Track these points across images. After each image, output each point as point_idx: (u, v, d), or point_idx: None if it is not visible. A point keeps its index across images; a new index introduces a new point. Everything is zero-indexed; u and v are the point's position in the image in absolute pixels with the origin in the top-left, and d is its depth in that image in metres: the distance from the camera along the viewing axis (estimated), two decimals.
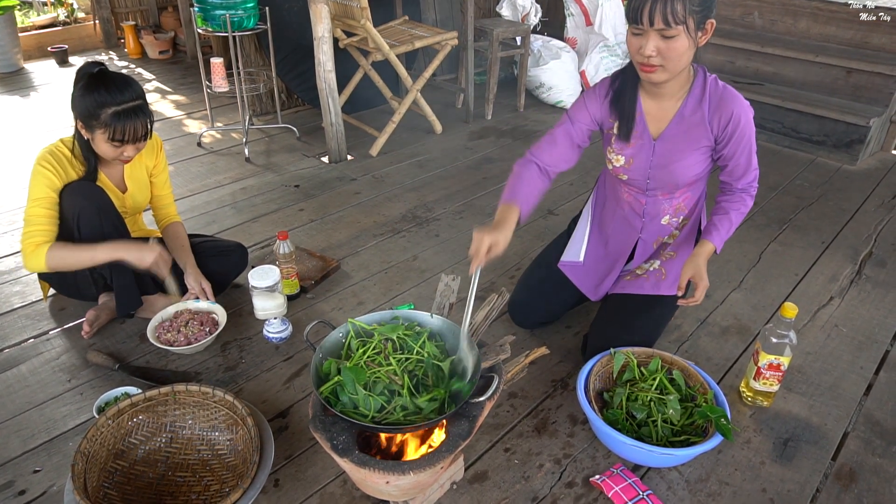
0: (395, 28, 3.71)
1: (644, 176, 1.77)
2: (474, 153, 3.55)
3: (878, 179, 3.30)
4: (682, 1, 1.43)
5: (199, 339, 1.95)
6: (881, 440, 1.73)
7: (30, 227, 1.84)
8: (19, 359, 1.97)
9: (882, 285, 2.41)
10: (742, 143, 1.65)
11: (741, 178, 1.73)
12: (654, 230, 1.87)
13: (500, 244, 1.58)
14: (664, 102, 1.69)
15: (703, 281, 1.67)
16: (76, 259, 1.85)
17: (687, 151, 1.69)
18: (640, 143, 1.73)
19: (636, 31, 1.51)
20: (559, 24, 4.63)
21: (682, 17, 1.45)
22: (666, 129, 1.70)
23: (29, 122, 3.92)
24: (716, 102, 1.64)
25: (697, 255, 1.70)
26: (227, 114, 4.05)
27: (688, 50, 1.51)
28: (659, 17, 1.44)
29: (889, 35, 3.53)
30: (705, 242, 1.71)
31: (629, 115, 1.71)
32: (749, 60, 3.90)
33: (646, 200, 1.83)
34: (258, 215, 2.85)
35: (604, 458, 1.65)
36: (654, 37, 1.48)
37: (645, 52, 1.50)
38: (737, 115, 1.62)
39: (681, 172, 1.72)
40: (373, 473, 1.29)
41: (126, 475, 1.50)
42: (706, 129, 1.66)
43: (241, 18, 3.09)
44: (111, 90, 1.74)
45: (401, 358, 1.43)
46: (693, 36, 1.50)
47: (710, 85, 1.65)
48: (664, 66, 1.53)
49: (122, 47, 5.45)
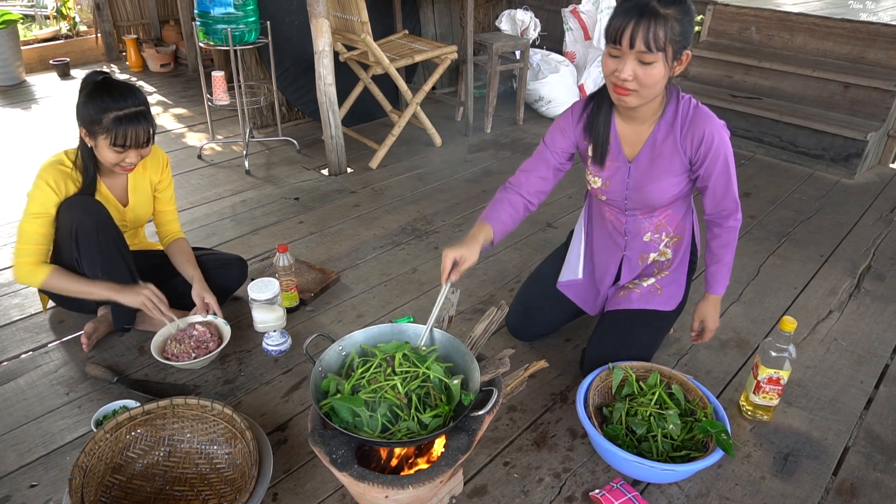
0: (395, 42, 3.73)
1: (622, 197, 1.77)
2: (474, 166, 3.56)
3: (876, 193, 3.31)
4: (664, 28, 1.42)
5: (207, 349, 1.95)
6: (882, 455, 1.73)
7: (23, 243, 1.86)
8: (17, 371, 1.96)
9: (881, 299, 2.41)
10: (718, 163, 1.63)
11: (722, 203, 1.69)
12: (637, 247, 1.87)
13: (467, 259, 1.61)
14: (638, 126, 1.68)
15: (714, 324, 1.86)
16: (73, 290, 1.89)
17: (662, 175, 1.68)
18: (616, 166, 1.73)
19: (614, 53, 1.49)
20: (558, 39, 4.66)
21: (663, 45, 1.43)
22: (640, 153, 1.70)
23: (30, 134, 3.93)
24: (687, 124, 1.62)
25: (708, 302, 1.84)
26: (228, 126, 4.07)
27: (662, 78, 1.50)
28: (640, 41, 1.43)
29: (886, 50, 3.56)
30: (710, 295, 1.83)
31: (603, 139, 1.70)
32: (747, 75, 3.93)
33: (626, 220, 1.83)
34: (258, 228, 2.85)
35: (603, 473, 1.65)
36: (631, 61, 1.46)
37: (621, 75, 1.48)
38: (709, 135, 1.59)
39: (657, 195, 1.72)
40: (372, 487, 1.28)
41: (124, 489, 1.49)
42: (679, 152, 1.65)
43: (243, 33, 3.12)
44: (114, 96, 1.76)
45: (406, 375, 1.42)
46: (669, 64, 1.48)
47: (683, 107, 1.63)
48: (638, 91, 1.51)
49: (123, 60, 5.48)
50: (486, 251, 1.71)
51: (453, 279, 1.59)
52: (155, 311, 1.91)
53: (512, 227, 1.79)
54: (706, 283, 1.83)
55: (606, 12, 4.27)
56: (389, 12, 4.12)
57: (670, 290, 1.86)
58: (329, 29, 3.02)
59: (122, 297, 1.88)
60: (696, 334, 1.90)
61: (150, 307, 1.90)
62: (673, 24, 1.43)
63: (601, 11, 4.27)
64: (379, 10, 3.97)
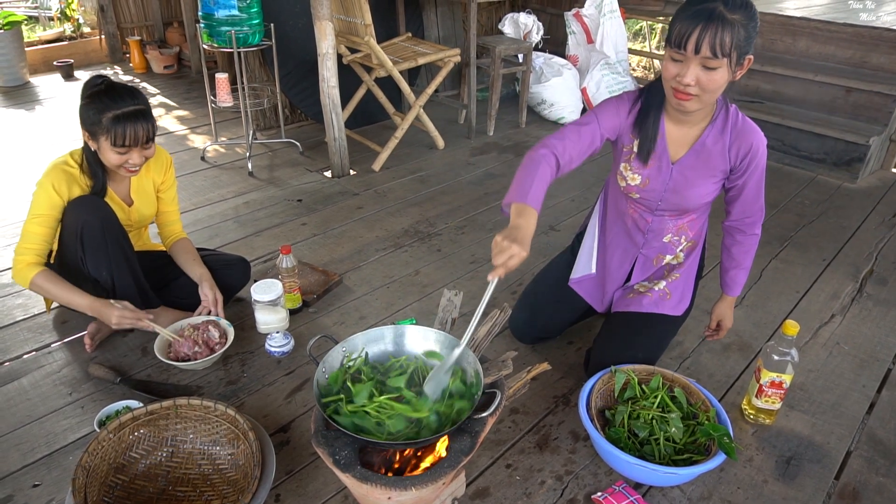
0: (399, 45, 3.74)
1: (657, 197, 1.76)
2: (476, 169, 3.57)
3: (879, 197, 3.31)
4: (731, 33, 1.40)
5: (215, 347, 1.96)
6: (884, 459, 1.73)
7: (25, 242, 1.87)
8: (20, 372, 1.97)
9: (883, 303, 2.41)
10: (756, 174, 1.68)
11: (751, 209, 1.73)
12: (655, 247, 1.87)
13: (522, 255, 1.39)
14: (687, 128, 1.68)
15: (730, 322, 1.95)
16: (56, 295, 1.89)
17: (703, 178, 1.70)
18: (658, 166, 1.72)
19: (677, 58, 1.46)
20: (561, 42, 4.67)
21: (728, 50, 1.41)
22: (685, 155, 1.69)
23: (34, 135, 3.94)
24: (736, 134, 1.64)
25: (725, 302, 1.92)
26: (231, 128, 4.08)
27: (724, 83, 1.49)
28: (707, 47, 1.40)
29: (888, 55, 3.56)
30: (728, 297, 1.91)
31: (651, 137, 1.68)
32: (749, 79, 3.93)
33: (652, 219, 1.83)
34: (261, 229, 2.86)
35: (606, 475, 1.65)
36: (695, 65, 1.44)
37: (684, 80, 1.46)
38: (755, 147, 1.63)
39: (694, 199, 1.73)
40: (375, 489, 1.29)
41: (126, 490, 1.50)
42: (725, 158, 1.66)
43: (247, 35, 3.13)
44: (113, 97, 1.78)
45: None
46: (732, 69, 1.47)
47: (732, 116, 1.66)
48: (700, 96, 1.50)
49: (127, 62, 5.50)
50: None
51: (500, 276, 1.37)
52: (138, 323, 1.88)
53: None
54: (724, 286, 1.88)
55: (609, 16, 4.28)
56: (393, 15, 4.13)
57: (679, 295, 1.88)
58: (332, 31, 3.03)
59: (98, 313, 1.88)
60: (712, 332, 1.98)
61: (128, 323, 1.87)
62: (739, 29, 1.41)
63: (604, 15, 4.27)
64: (382, 12, 3.98)
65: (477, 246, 2.73)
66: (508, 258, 1.36)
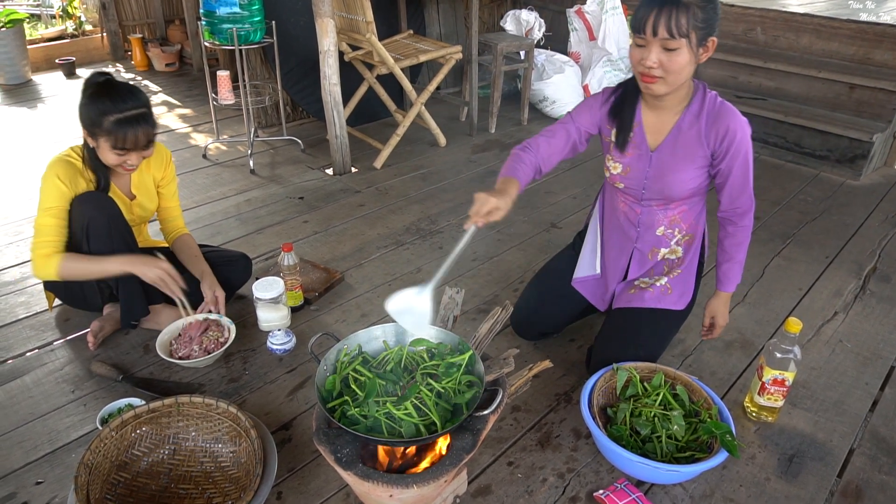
0: (400, 42, 3.74)
1: (640, 185, 1.78)
2: (478, 166, 3.56)
3: (882, 195, 3.30)
4: (686, 15, 1.47)
5: (216, 349, 1.96)
6: (887, 457, 1.72)
7: (39, 237, 1.86)
8: (23, 369, 1.97)
9: (886, 300, 2.40)
10: (738, 159, 1.66)
11: (738, 199, 1.72)
12: (649, 240, 1.87)
13: (501, 210, 1.53)
14: (663, 115, 1.71)
15: (724, 320, 1.89)
16: (87, 270, 1.87)
17: (683, 164, 1.71)
18: (638, 154, 1.75)
19: (639, 42, 1.54)
20: (563, 39, 4.66)
21: (686, 31, 1.48)
22: (663, 142, 1.72)
23: (36, 133, 3.94)
24: (713, 118, 1.65)
25: (719, 299, 1.86)
26: (233, 126, 4.08)
27: (688, 64, 1.54)
28: (663, 28, 1.48)
29: (892, 51, 3.55)
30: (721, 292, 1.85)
31: (627, 125, 1.74)
32: (752, 76, 3.92)
33: (641, 210, 1.84)
34: (262, 227, 2.86)
35: (607, 473, 1.65)
36: (656, 48, 1.51)
37: (647, 62, 1.53)
38: (732, 130, 1.63)
39: (677, 185, 1.73)
40: (376, 487, 1.29)
41: (129, 487, 1.50)
42: (702, 143, 1.67)
43: (248, 32, 3.12)
44: (114, 99, 1.76)
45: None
46: (695, 51, 1.53)
47: (709, 101, 1.67)
48: (664, 78, 1.55)
49: (129, 60, 5.50)
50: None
51: (479, 224, 1.51)
52: (172, 285, 1.91)
53: (527, 186, 1.78)
54: (717, 281, 1.85)
55: (611, 13, 4.27)
56: (394, 12, 4.12)
57: (681, 290, 1.87)
58: (334, 29, 3.03)
59: (138, 268, 1.87)
60: (707, 330, 1.93)
61: (168, 281, 1.90)
62: (695, 10, 1.47)
63: (606, 12, 4.26)
64: (384, 10, 3.97)
65: (479, 243, 2.73)
66: (488, 211, 1.50)
